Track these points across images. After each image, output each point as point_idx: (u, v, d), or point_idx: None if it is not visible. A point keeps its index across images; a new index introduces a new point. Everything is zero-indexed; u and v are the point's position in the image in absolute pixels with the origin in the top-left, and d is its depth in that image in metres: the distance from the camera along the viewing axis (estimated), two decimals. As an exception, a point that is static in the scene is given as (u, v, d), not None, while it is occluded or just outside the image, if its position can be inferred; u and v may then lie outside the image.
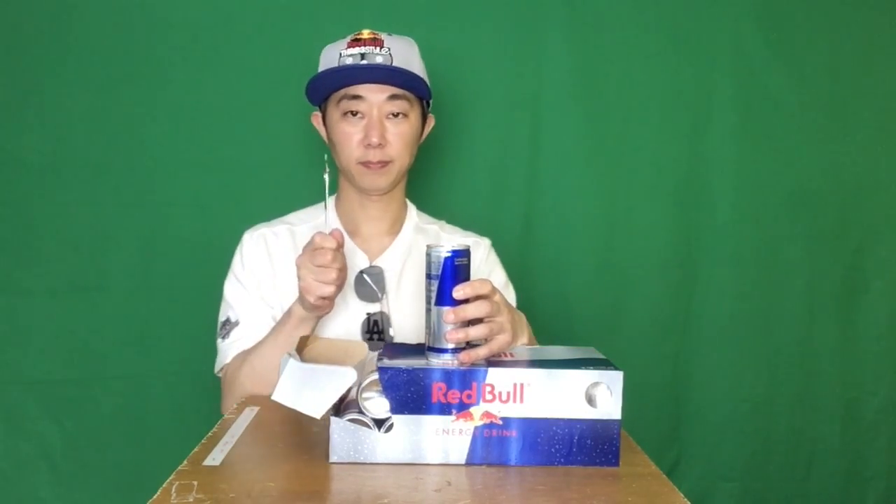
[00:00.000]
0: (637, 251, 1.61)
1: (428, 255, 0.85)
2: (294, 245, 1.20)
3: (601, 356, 0.90)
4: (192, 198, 1.50)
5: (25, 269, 1.47)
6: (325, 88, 1.17)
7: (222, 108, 1.50)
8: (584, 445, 0.81)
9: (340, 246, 1.00)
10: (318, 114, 1.24)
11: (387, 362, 0.81)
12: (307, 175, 1.53)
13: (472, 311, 0.84)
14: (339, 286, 1.02)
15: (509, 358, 0.87)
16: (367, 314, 1.18)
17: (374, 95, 1.14)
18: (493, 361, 0.84)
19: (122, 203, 1.49)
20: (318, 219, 1.23)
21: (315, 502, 0.73)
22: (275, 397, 0.81)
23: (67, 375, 1.48)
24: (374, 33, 1.16)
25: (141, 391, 1.51)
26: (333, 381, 0.80)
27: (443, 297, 0.84)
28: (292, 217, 1.27)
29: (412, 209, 1.29)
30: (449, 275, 0.84)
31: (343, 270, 1.01)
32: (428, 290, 0.85)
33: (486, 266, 1.26)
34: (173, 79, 1.48)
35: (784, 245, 1.64)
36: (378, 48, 1.13)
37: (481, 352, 0.84)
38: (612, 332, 1.60)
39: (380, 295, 1.18)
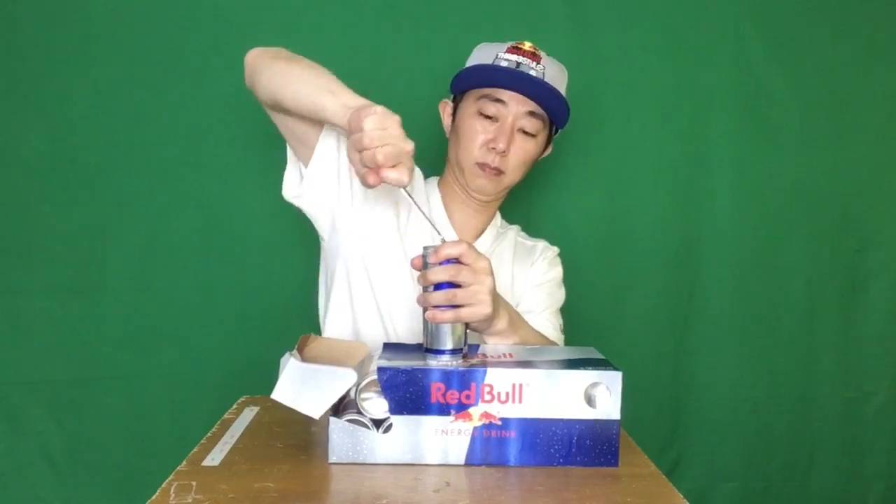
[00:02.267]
0: (637, 251, 1.60)
1: (423, 256, 0.87)
2: (413, 188, 1.05)
3: (600, 356, 0.90)
4: (192, 198, 1.50)
5: (25, 269, 1.47)
6: (473, 82, 1.16)
7: (222, 108, 1.49)
8: (584, 446, 0.81)
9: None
10: (450, 102, 1.23)
11: (385, 362, 0.81)
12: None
13: (435, 273, 0.85)
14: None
15: (508, 358, 0.87)
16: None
17: (516, 105, 1.13)
18: (492, 362, 0.84)
19: (122, 203, 1.49)
20: (426, 197, 1.21)
21: (314, 502, 0.73)
22: (274, 396, 0.81)
23: (67, 375, 1.49)
24: (534, 47, 1.16)
25: (141, 391, 1.51)
26: (333, 382, 0.80)
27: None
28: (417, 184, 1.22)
29: (498, 216, 1.30)
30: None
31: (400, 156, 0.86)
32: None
33: (555, 271, 1.27)
34: (173, 79, 1.48)
35: (784, 245, 1.64)
36: (535, 63, 1.13)
37: (447, 315, 0.84)
38: (612, 332, 1.60)
39: None
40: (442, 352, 0.84)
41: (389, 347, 0.91)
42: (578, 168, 1.59)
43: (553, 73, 1.15)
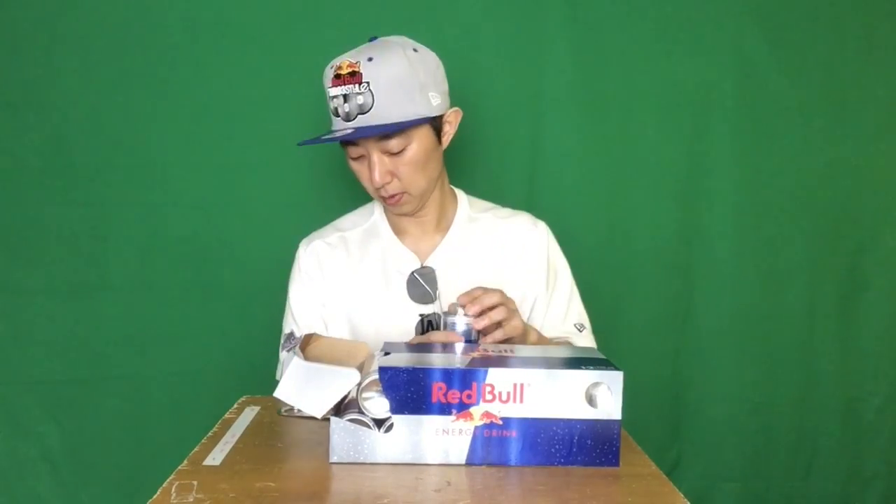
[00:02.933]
0: (637, 251, 1.60)
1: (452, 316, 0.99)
2: (347, 252, 1.21)
3: (601, 356, 0.90)
4: (192, 198, 1.50)
5: (25, 269, 1.47)
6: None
7: (222, 108, 1.50)
8: (584, 445, 0.81)
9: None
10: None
11: (387, 362, 0.81)
12: (307, 175, 1.54)
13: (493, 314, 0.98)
14: None
15: (510, 355, 0.87)
16: (420, 315, 1.17)
17: (367, 141, 1.08)
18: (493, 361, 0.84)
19: (122, 203, 1.49)
20: (368, 222, 1.24)
21: (315, 502, 0.73)
22: (277, 394, 0.81)
23: (67, 375, 1.49)
24: (351, 65, 1.07)
25: (141, 391, 1.51)
26: (336, 382, 0.80)
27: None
28: (344, 221, 1.26)
29: (462, 200, 1.26)
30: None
31: None
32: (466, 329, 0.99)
33: (552, 250, 1.26)
34: (173, 79, 1.48)
35: (784, 245, 1.64)
36: (357, 86, 1.06)
37: (497, 334, 0.98)
38: (612, 332, 1.60)
39: (433, 295, 1.17)
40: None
41: (391, 347, 0.91)
42: (578, 168, 1.59)
43: (381, 80, 1.05)
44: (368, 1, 1.52)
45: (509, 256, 1.22)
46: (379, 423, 0.81)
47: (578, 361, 0.85)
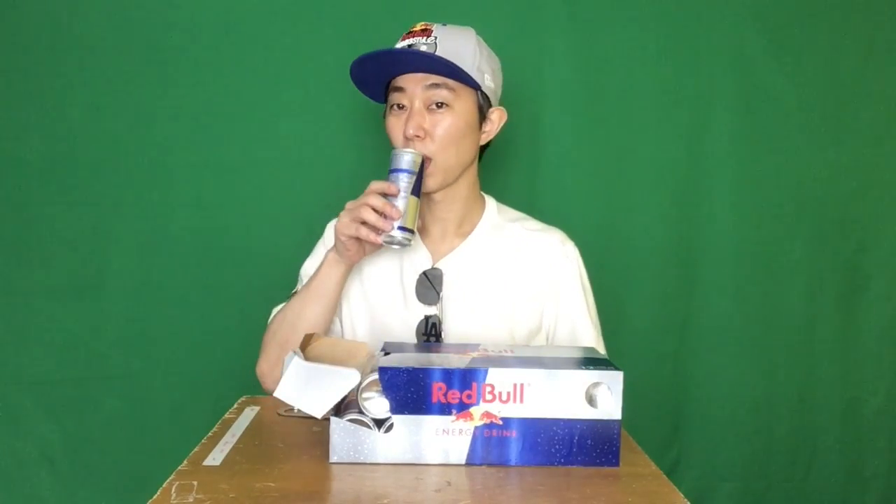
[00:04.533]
0: (637, 251, 1.60)
1: (400, 154, 1.03)
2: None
3: (601, 356, 0.90)
4: (192, 198, 1.50)
5: (25, 269, 1.47)
6: (372, 79, 1.13)
7: (222, 109, 1.50)
8: (585, 445, 0.81)
9: (390, 193, 1.03)
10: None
11: (387, 362, 0.81)
12: (307, 175, 1.54)
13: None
14: (370, 232, 1.02)
15: (510, 355, 0.87)
16: (426, 316, 1.16)
17: (414, 85, 1.08)
18: (493, 361, 0.84)
19: (122, 203, 1.49)
20: None
21: (315, 502, 0.73)
22: (277, 394, 0.81)
23: (67, 375, 1.49)
24: (427, 25, 1.12)
25: (141, 391, 1.51)
26: (336, 382, 0.80)
27: (417, 189, 1.03)
28: None
29: (491, 207, 1.23)
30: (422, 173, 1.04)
31: (380, 220, 1.01)
32: (398, 181, 1.03)
33: (579, 273, 1.20)
34: (173, 79, 1.48)
35: (784, 245, 1.63)
36: (425, 38, 1.09)
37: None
38: (612, 332, 1.59)
39: (437, 297, 1.16)
40: (413, 231, 1.02)
41: (391, 347, 0.91)
42: (578, 168, 1.59)
43: (448, 39, 1.09)
44: (368, 1, 1.52)
45: (531, 270, 1.18)
46: (379, 423, 0.81)
47: (578, 361, 0.85)
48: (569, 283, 1.20)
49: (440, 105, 1.09)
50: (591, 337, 1.20)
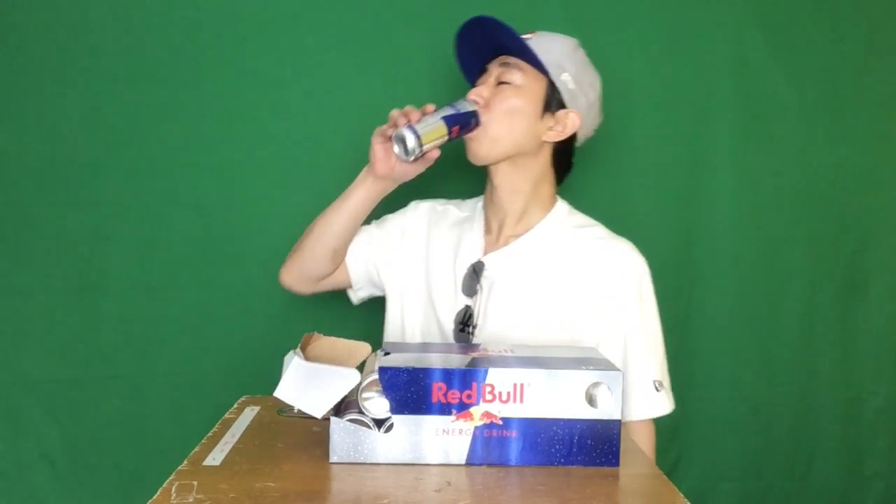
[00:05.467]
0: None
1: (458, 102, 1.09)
2: (441, 222, 1.25)
3: (601, 356, 0.90)
4: (192, 198, 1.50)
5: (25, 269, 1.47)
6: (464, 59, 1.21)
7: (222, 109, 1.49)
8: (585, 445, 0.81)
9: (426, 111, 1.08)
10: None
11: (387, 362, 0.81)
12: (307, 175, 1.53)
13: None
14: (387, 127, 1.09)
15: (510, 355, 0.87)
16: (466, 306, 1.16)
17: (494, 65, 1.15)
18: (493, 361, 0.84)
19: (122, 203, 1.48)
20: (474, 210, 1.25)
21: (315, 502, 0.73)
22: (277, 394, 0.81)
23: (67, 375, 1.48)
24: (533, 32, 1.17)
25: (141, 391, 1.50)
26: (336, 382, 0.80)
27: (451, 121, 1.07)
28: (460, 202, 1.29)
29: (558, 211, 1.20)
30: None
31: (400, 116, 1.07)
32: (439, 107, 1.08)
33: (644, 289, 1.15)
34: (173, 79, 1.48)
35: (784, 245, 1.63)
36: (525, 34, 1.14)
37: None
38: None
39: (475, 291, 1.16)
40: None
41: (391, 347, 0.91)
42: (578, 168, 1.59)
43: (543, 36, 1.15)
44: (368, 1, 1.52)
45: (588, 278, 1.13)
46: (379, 423, 0.81)
47: (578, 361, 0.85)
48: (631, 294, 1.14)
49: (507, 83, 1.12)
50: (656, 363, 1.14)
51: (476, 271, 1.16)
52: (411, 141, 1.05)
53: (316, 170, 1.52)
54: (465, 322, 1.15)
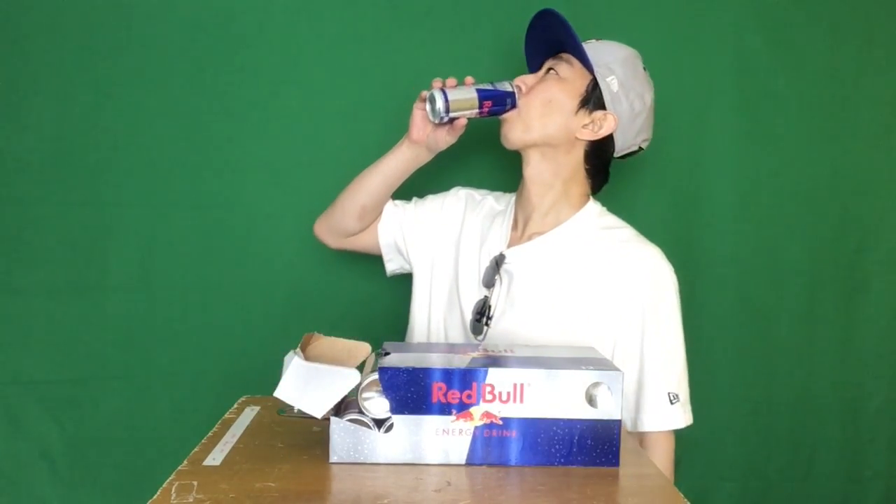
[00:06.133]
0: (637, 251, 1.60)
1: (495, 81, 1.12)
2: (477, 211, 1.27)
3: (601, 356, 0.90)
4: (192, 198, 1.50)
5: (25, 269, 1.47)
6: (530, 49, 1.24)
7: (222, 109, 1.49)
8: (585, 445, 0.81)
9: (466, 83, 1.12)
10: None
11: (387, 362, 0.81)
12: (307, 175, 1.54)
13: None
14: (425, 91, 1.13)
15: (510, 355, 0.87)
16: (484, 297, 1.16)
17: (549, 61, 1.18)
18: (493, 361, 0.84)
19: (122, 203, 1.48)
20: (507, 203, 1.27)
21: (315, 502, 0.73)
22: (277, 394, 0.81)
23: (67, 375, 1.48)
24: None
25: (141, 391, 1.50)
26: (336, 382, 0.80)
27: (484, 96, 1.11)
28: (498, 195, 1.31)
29: (588, 211, 1.19)
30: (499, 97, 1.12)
31: (437, 81, 1.12)
32: (478, 81, 1.12)
33: (667, 296, 1.12)
34: (173, 79, 1.48)
35: (784, 245, 1.63)
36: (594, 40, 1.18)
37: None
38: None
39: (493, 283, 1.16)
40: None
41: (392, 347, 0.91)
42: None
43: (602, 43, 1.18)
44: (369, 1, 1.52)
45: (609, 281, 1.11)
46: (379, 423, 0.81)
47: (578, 361, 0.85)
48: (652, 300, 1.11)
49: (551, 71, 1.16)
50: (673, 373, 1.13)
51: (497, 264, 1.16)
52: (440, 102, 1.08)
53: (316, 170, 1.52)
54: (481, 313, 1.15)
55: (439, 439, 0.81)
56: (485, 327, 1.14)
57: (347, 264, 1.47)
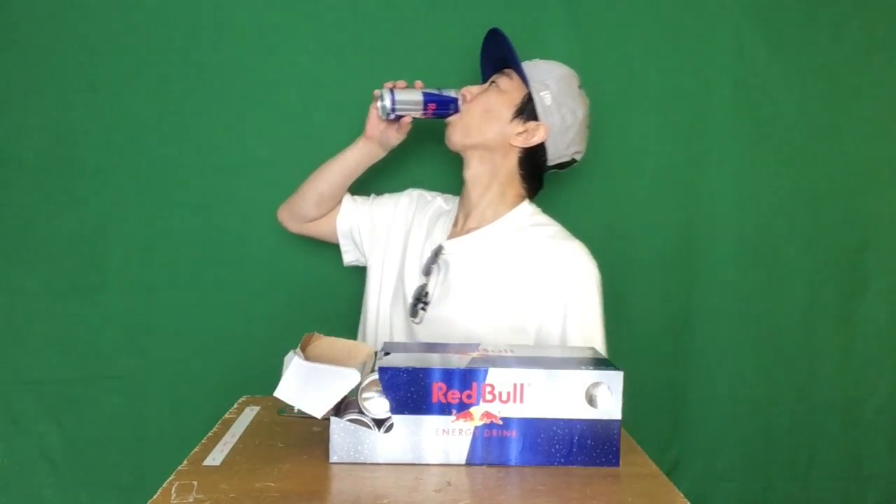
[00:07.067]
0: (637, 251, 1.60)
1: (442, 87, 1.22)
2: (427, 211, 1.35)
3: (601, 356, 0.90)
4: (192, 198, 1.50)
5: (25, 269, 1.47)
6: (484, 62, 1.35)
7: (222, 109, 1.49)
8: (585, 445, 0.81)
9: (416, 86, 1.23)
10: None
11: (387, 362, 0.81)
12: (307, 175, 1.53)
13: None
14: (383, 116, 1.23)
15: (510, 355, 0.87)
16: (423, 284, 1.25)
17: (496, 75, 1.28)
18: (493, 361, 0.84)
19: (122, 203, 1.49)
20: (455, 204, 1.35)
21: (315, 502, 0.73)
22: (277, 394, 0.81)
23: (67, 375, 1.48)
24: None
25: (141, 391, 1.51)
26: (336, 382, 0.80)
27: (428, 99, 1.21)
28: (448, 197, 1.39)
29: (521, 210, 1.26)
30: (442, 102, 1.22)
31: (388, 83, 1.23)
32: (427, 86, 1.23)
33: (587, 289, 1.19)
34: (173, 79, 1.48)
35: (784, 245, 1.63)
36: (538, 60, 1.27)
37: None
38: (612, 332, 1.59)
39: (431, 271, 1.25)
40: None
41: (391, 347, 0.91)
42: (578, 168, 1.59)
43: (542, 61, 1.26)
44: (369, 1, 1.52)
45: (533, 271, 1.18)
46: (379, 423, 0.81)
47: (578, 361, 0.85)
48: (570, 291, 1.18)
49: (493, 84, 1.26)
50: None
51: (436, 254, 1.25)
52: (387, 100, 1.20)
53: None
54: (419, 298, 1.24)
55: (439, 439, 0.81)
56: (421, 311, 1.22)
57: (348, 265, 1.47)
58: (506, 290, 1.18)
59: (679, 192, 1.61)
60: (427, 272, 1.25)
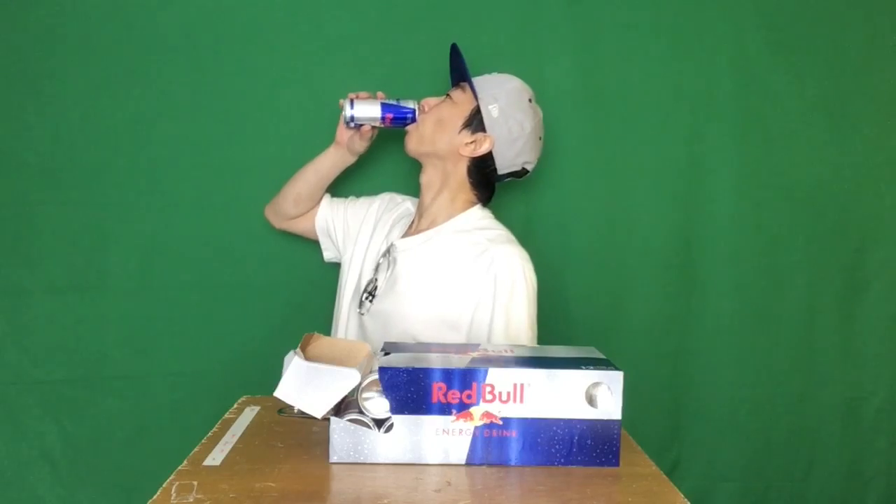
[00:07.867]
0: (637, 251, 1.60)
1: (401, 99, 1.30)
2: (392, 213, 1.41)
3: (601, 356, 0.90)
4: (192, 198, 1.50)
5: (25, 269, 1.47)
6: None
7: (222, 108, 1.50)
8: (585, 445, 0.81)
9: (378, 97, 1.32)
10: None
11: (387, 362, 0.81)
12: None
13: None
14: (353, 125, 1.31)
15: (510, 355, 0.87)
16: (374, 278, 1.32)
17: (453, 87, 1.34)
18: (493, 361, 0.84)
19: (122, 203, 1.49)
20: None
21: (315, 502, 0.73)
22: (277, 394, 0.81)
23: (67, 375, 1.48)
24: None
25: (141, 391, 1.51)
26: (336, 382, 0.80)
27: (387, 110, 1.29)
28: (416, 200, 1.41)
29: (471, 216, 1.30)
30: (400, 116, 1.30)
31: (351, 94, 1.31)
32: (388, 98, 1.31)
33: (516, 287, 1.21)
34: (173, 79, 1.48)
35: (784, 245, 1.63)
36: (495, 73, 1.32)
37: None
38: (612, 332, 1.60)
39: (378, 267, 1.32)
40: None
41: (391, 347, 0.91)
42: (578, 169, 1.59)
43: (495, 76, 1.30)
44: (369, 1, 1.52)
45: (470, 271, 1.22)
46: (379, 423, 0.81)
47: (578, 361, 0.85)
48: (502, 300, 1.20)
49: (449, 98, 1.31)
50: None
51: (388, 251, 1.32)
52: (347, 109, 1.29)
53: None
54: (368, 291, 1.31)
55: (439, 439, 0.81)
56: (367, 303, 1.29)
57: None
58: (444, 288, 1.23)
59: (679, 193, 1.61)
60: (376, 267, 1.32)
